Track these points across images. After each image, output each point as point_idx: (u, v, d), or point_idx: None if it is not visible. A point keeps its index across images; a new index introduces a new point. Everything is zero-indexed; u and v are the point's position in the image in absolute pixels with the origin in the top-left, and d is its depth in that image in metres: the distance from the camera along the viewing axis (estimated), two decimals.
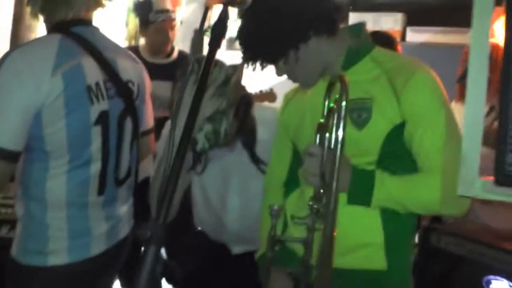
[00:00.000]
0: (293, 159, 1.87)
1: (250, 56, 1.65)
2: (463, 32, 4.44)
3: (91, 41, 1.90)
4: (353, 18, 4.53)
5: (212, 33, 1.15)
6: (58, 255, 1.87)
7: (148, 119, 2.20)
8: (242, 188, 2.08)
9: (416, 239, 2.44)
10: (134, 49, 3.31)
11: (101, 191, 1.94)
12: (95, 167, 1.91)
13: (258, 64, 1.65)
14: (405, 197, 1.57)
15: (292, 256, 1.75)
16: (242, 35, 1.65)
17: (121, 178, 2.01)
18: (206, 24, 1.29)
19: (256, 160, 2.02)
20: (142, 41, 3.65)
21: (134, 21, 4.40)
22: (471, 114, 1.01)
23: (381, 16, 4.75)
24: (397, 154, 1.63)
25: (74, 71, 1.81)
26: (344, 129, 1.37)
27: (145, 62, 2.84)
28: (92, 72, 1.87)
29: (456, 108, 2.55)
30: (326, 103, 1.50)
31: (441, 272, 2.40)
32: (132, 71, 2.05)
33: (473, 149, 1.02)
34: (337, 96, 1.40)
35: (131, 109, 2.01)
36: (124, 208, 2.08)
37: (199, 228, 2.25)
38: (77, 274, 1.90)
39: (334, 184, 1.37)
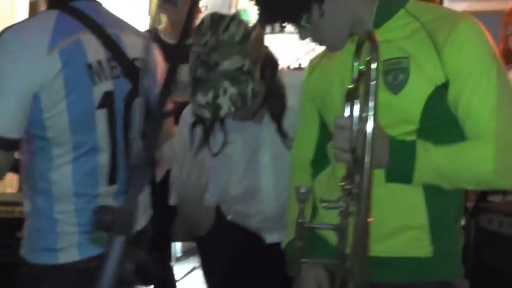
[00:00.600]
0: (321, 134, 1.67)
1: (268, 16, 1.45)
2: None
3: (93, 16, 1.74)
4: None
5: None
6: (69, 251, 1.74)
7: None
8: (274, 163, 1.93)
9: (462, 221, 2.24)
10: (153, 33, 3.16)
11: (112, 180, 1.78)
12: (103, 154, 1.76)
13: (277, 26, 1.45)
14: (453, 169, 1.36)
15: (324, 244, 1.56)
16: None
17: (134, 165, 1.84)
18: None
19: (282, 133, 1.86)
20: (162, 24, 3.50)
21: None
22: None
23: None
24: (441, 121, 1.42)
25: (73, 48, 1.66)
26: (376, 94, 1.17)
27: (166, 45, 2.69)
28: (93, 50, 1.71)
29: None
30: (356, 66, 1.31)
31: (495, 257, 2.18)
32: (139, 48, 1.86)
33: None
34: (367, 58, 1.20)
35: (140, 89, 1.83)
36: (140, 198, 1.91)
37: (229, 217, 2.09)
38: (90, 271, 1.73)
39: (367, 159, 1.17)
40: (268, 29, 1.48)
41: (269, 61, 1.75)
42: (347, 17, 1.45)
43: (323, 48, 1.58)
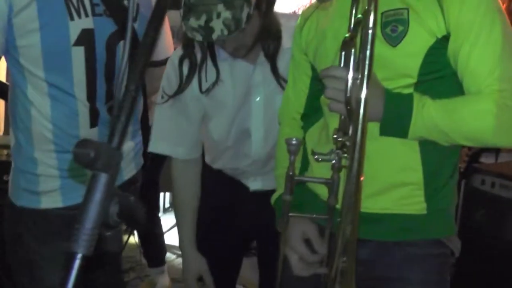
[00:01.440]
0: (312, 87, 1.62)
1: None
2: None
3: None
4: None
5: None
6: (51, 196, 1.71)
7: (163, 48, 1.96)
8: (266, 105, 1.87)
9: None
10: None
11: (93, 123, 1.72)
12: (82, 94, 1.67)
13: None
14: (450, 124, 1.30)
15: (314, 198, 1.52)
16: None
17: None
18: None
19: (276, 73, 1.80)
20: None
21: None
22: None
23: None
24: (440, 75, 1.36)
25: None
26: (373, 43, 1.11)
27: None
28: None
29: None
30: (353, 14, 1.25)
31: (487, 218, 2.14)
32: None
33: None
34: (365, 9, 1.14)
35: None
36: (128, 145, 1.87)
37: (215, 165, 2.05)
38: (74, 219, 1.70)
39: (362, 110, 1.12)
40: None
41: None
42: None
43: None
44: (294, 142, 1.26)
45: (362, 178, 1.12)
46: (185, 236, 2.04)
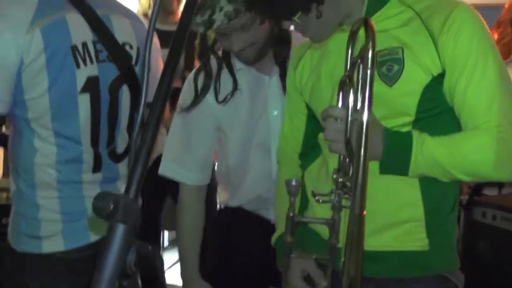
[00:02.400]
0: (309, 125, 1.62)
1: (260, 8, 1.39)
2: None
3: None
4: None
5: None
6: (53, 240, 1.69)
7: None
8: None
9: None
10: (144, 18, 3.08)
11: (96, 168, 1.73)
12: (87, 140, 1.68)
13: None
14: (451, 160, 1.31)
15: (315, 238, 1.51)
16: None
17: (119, 153, 1.79)
18: None
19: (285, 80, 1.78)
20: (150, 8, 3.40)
21: None
22: None
23: None
24: (438, 112, 1.37)
25: (57, 26, 1.58)
26: (372, 83, 1.12)
27: (156, 30, 2.59)
28: (79, 30, 1.63)
29: None
30: (349, 54, 1.26)
31: (488, 250, 2.14)
32: (131, 32, 1.78)
33: None
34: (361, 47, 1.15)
35: (128, 76, 1.75)
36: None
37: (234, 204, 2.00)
38: (77, 262, 1.71)
39: (363, 151, 1.12)
40: None
41: None
42: (338, 14, 1.40)
43: None
44: (294, 183, 1.26)
45: (364, 214, 1.12)
46: (193, 265, 1.97)
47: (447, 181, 1.36)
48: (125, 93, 1.75)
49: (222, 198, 2.03)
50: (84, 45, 1.63)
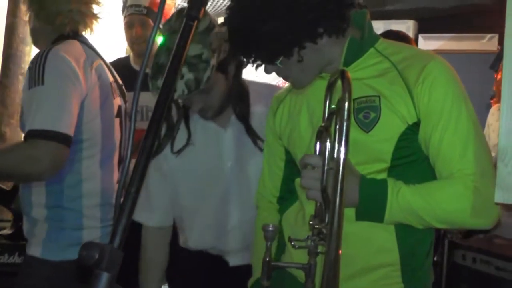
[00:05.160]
0: (287, 170, 1.66)
1: (243, 51, 1.44)
2: (478, 38, 4.30)
3: (95, 48, 2.07)
4: None
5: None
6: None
7: None
8: (240, 170, 1.90)
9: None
10: (125, 59, 3.12)
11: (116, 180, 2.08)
12: (116, 156, 2.08)
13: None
14: (426, 208, 1.34)
15: (292, 281, 1.53)
16: (234, 23, 1.41)
17: None
18: None
19: (252, 133, 1.87)
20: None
21: None
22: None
23: (391, 24, 4.55)
24: (413, 159, 1.41)
25: (101, 67, 2.01)
26: (348, 134, 1.15)
27: (134, 72, 2.67)
28: (107, 72, 2.08)
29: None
30: (327, 105, 1.30)
31: None
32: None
33: None
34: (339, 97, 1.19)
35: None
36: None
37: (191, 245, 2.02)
38: None
39: (338, 199, 1.15)
40: None
41: (234, 59, 1.78)
42: (320, 61, 1.45)
43: None
44: (270, 228, 1.28)
45: (339, 261, 1.14)
46: None
47: (422, 228, 1.39)
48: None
49: (182, 241, 2.05)
50: (111, 82, 2.08)
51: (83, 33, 2.06)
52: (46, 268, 1.91)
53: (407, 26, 4.54)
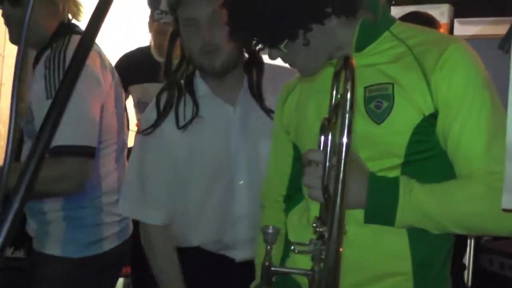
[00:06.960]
0: (294, 167, 1.53)
1: (244, 34, 1.32)
2: None
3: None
4: (395, 12, 4.18)
5: None
6: (111, 239, 1.98)
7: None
8: (249, 150, 1.79)
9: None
10: (146, 49, 3.06)
11: None
12: (125, 152, 2.09)
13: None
14: (442, 210, 1.20)
15: (294, 286, 1.41)
16: (234, 2, 1.29)
17: None
18: None
19: (265, 108, 1.77)
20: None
21: None
22: None
23: (426, 9, 4.36)
24: (429, 155, 1.27)
25: (108, 61, 2.01)
26: (350, 127, 1.03)
27: (155, 62, 2.62)
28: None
29: None
30: (334, 95, 1.18)
31: None
32: None
33: None
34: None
35: None
36: None
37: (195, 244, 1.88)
38: (123, 253, 2.06)
39: (339, 200, 1.03)
40: None
41: None
42: (328, 45, 1.32)
43: None
44: (270, 230, 1.16)
45: (339, 269, 1.03)
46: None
47: (438, 233, 1.25)
48: None
49: (179, 239, 1.90)
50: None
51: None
52: (68, 265, 1.92)
53: (441, 11, 4.34)
